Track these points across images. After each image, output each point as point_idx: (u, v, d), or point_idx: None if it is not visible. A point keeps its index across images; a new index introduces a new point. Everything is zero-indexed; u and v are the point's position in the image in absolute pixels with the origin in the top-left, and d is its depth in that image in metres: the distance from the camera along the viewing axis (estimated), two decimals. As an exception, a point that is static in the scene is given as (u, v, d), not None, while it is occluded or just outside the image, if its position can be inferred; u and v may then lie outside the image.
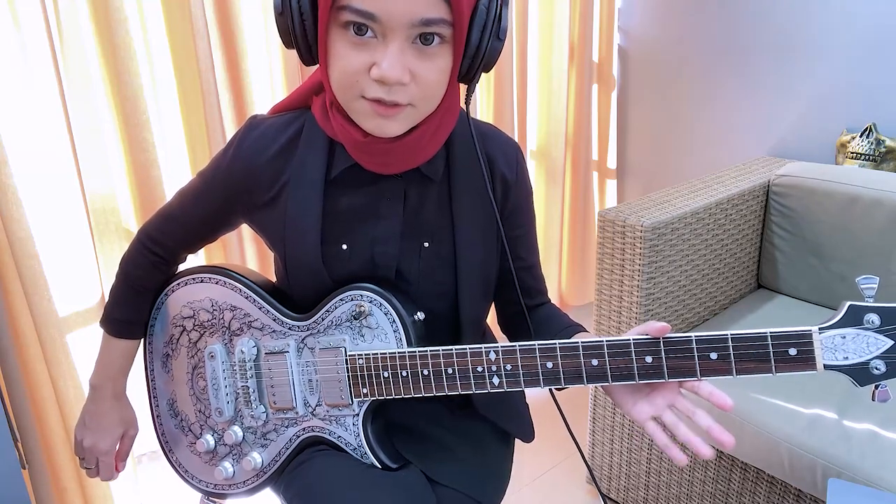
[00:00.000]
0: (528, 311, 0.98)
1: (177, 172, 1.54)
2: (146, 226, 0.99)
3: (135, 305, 0.98)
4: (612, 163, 2.38)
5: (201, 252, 1.57)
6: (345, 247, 0.87)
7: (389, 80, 0.71)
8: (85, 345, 1.37)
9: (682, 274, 1.54)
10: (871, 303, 0.69)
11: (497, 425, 0.99)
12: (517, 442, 1.05)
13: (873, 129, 1.67)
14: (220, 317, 0.94)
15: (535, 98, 2.16)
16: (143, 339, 1.02)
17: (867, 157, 1.66)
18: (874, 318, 0.69)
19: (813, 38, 1.82)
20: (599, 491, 0.99)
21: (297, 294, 0.90)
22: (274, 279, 0.99)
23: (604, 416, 1.66)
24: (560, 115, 2.12)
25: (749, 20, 1.94)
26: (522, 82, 2.04)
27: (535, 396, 1.11)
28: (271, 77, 1.58)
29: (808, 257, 1.65)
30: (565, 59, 2.08)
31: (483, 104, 2.01)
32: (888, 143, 1.65)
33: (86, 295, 1.37)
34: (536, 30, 2.09)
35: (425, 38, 0.71)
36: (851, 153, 1.69)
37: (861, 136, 1.69)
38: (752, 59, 1.96)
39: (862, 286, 0.69)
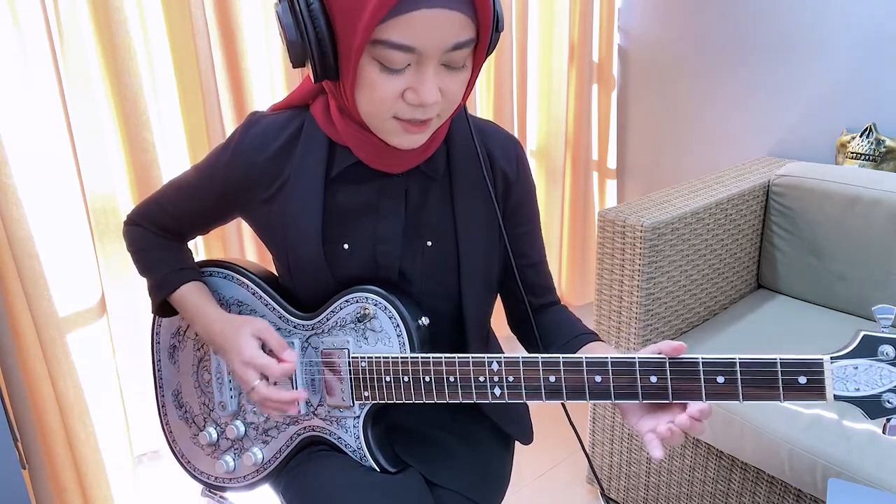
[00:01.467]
0: (538, 312, 0.98)
1: (177, 172, 1.53)
2: (134, 215, 0.98)
3: (167, 258, 0.95)
4: (612, 163, 2.37)
5: (202, 248, 1.58)
6: (346, 246, 0.87)
7: (427, 104, 0.72)
8: (85, 345, 1.37)
9: (682, 274, 1.54)
10: (886, 333, 0.67)
11: (497, 427, 0.99)
12: (517, 443, 1.05)
13: (873, 129, 1.67)
14: (228, 311, 0.95)
15: (535, 98, 2.15)
16: (162, 320, 1.01)
17: (867, 157, 1.66)
18: (889, 350, 0.67)
19: (813, 38, 1.82)
20: (601, 485, 0.99)
21: (301, 293, 0.90)
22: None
23: (604, 416, 1.66)
24: (560, 115, 2.12)
25: (749, 20, 1.94)
26: (522, 82, 2.04)
27: (536, 397, 1.11)
28: (271, 77, 1.58)
29: (808, 257, 1.65)
30: (565, 59, 2.08)
31: (483, 104, 2.00)
32: (888, 143, 1.65)
33: (86, 295, 1.37)
34: (536, 30, 2.09)
35: (454, 61, 0.72)
36: (851, 153, 1.69)
37: (861, 136, 1.69)
38: (752, 59, 1.96)
39: (879, 316, 0.66)
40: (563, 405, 0.94)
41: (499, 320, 1.03)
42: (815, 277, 1.64)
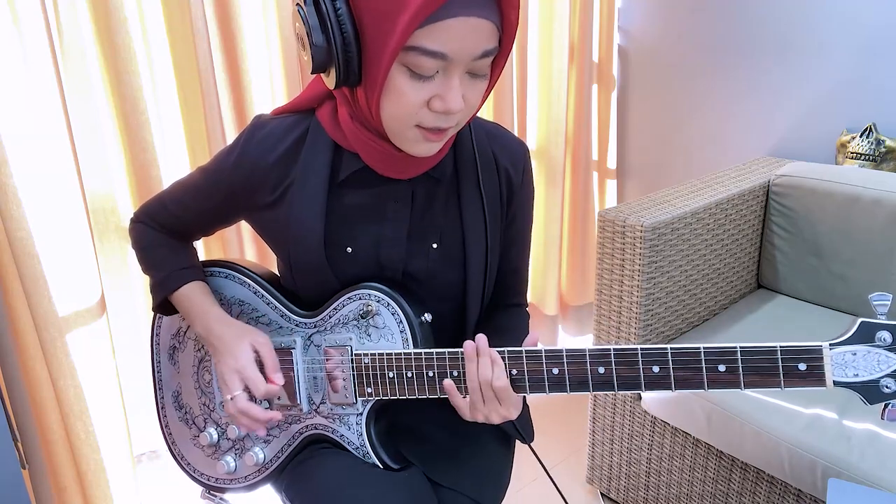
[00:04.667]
0: (501, 308, 1.00)
1: (177, 172, 1.53)
2: (141, 213, 0.99)
3: (171, 257, 0.95)
4: (612, 163, 2.38)
5: (202, 249, 1.58)
6: (349, 250, 0.87)
7: (453, 112, 0.72)
8: (85, 345, 1.37)
9: (682, 274, 1.54)
10: (883, 320, 0.68)
11: (498, 427, 0.99)
12: (517, 442, 1.05)
13: (873, 129, 1.67)
14: (228, 311, 0.95)
15: (535, 98, 2.15)
16: (161, 318, 1.01)
17: (867, 157, 1.66)
18: (886, 336, 0.68)
19: (813, 38, 1.82)
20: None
21: (304, 294, 0.90)
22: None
23: (604, 416, 1.66)
24: (560, 115, 2.12)
25: (749, 20, 1.94)
26: (522, 82, 2.04)
27: (536, 397, 1.11)
28: (271, 77, 1.58)
29: (808, 257, 1.65)
30: (565, 59, 2.08)
31: (483, 104, 2.00)
32: (888, 143, 1.65)
33: (86, 295, 1.37)
34: (536, 30, 2.09)
35: (479, 69, 0.73)
36: (851, 153, 1.69)
37: (861, 136, 1.69)
38: (752, 58, 1.96)
39: (875, 303, 0.68)
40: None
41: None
42: (815, 277, 1.64)
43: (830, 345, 0.69)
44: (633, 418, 1.59)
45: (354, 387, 0.86)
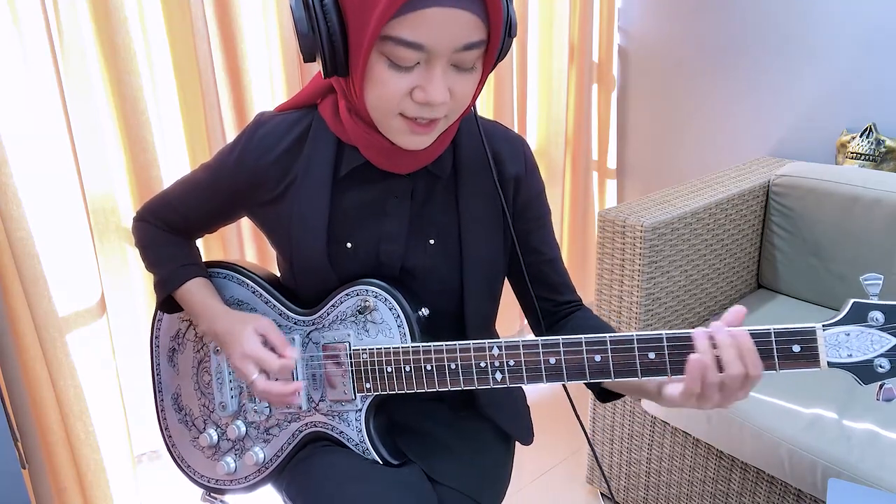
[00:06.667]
0: (564, 316, 0.97)
1: (177, 172, 1.54)
2: (144, 211, 0.99)
3: (174, 254, 0.96)
4: (612, 163, 2.38)
5: (201, 249, 1.58)
6: (350, 245, 0.87)
7: (435, 104, 0.72)
8: (85, 345, 1.38)
9: (682, 274, 1.54)
10: (875, 300, 0.69)
11: (498, 427, 0.99)
12: (517, 443, 1.05)
13: (873, 129, 1.67)
14: None
15: (535, 98, 2.16)
16: (156, 322, 1.01)
17: (867, 157, 1.66)
18: (878, 316, 0.68)
19: (813, 38, 1.82)
20: (608, 484, 0.99)
21: (302, 291, 0.90)
22: (278, 274, 0.99)
23: (604, 416, 1.66)
24: (560, 115, 2.12)
25: (749, 20, 1.94)
26: (522, 82, 2.05)
27: (536, 397, 1.11)
28: (271, 77, 1.58)
29: (808, 257, 1.65)
30: (565, 59, 2.08)
31: (483, 104, 2.01)
32: (888, 143, 1.65)
33: (86, 295, 1.37)
34: (536, 30, 2.09)
35: (464, 62, 0.72)
36: (851, 153, 1.69)
37: (861, 136, 1.69)
38: (752, 59, 1.96)
39: (866, 283, 0.68)
40: (571, 403, 0.94)
41: (502, 322, 1.03)
42: (815, 277, 1.64)
43: (823, 326, 0.70)
44: (633, 418, 1.59)
45: (353, 383, 0.86)
